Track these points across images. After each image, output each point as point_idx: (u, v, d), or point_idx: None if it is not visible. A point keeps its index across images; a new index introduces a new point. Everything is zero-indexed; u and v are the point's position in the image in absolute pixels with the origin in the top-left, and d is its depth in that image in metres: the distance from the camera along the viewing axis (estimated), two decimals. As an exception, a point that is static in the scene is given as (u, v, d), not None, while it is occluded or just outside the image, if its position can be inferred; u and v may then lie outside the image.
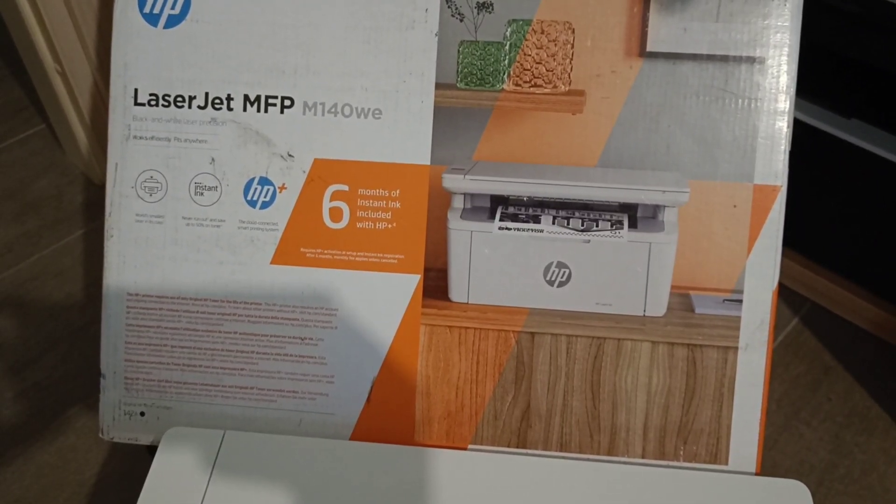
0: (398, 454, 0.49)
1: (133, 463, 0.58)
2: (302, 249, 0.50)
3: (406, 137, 0.49)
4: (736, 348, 0.48)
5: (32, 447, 0.60)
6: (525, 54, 0.48)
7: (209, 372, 0.51)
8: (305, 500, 0.46)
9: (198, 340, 0.51)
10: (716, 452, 0.49)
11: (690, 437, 0.49)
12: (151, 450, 0.50)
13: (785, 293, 0.70)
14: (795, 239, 0.57)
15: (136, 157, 0.51)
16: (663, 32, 0.47)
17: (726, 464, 0.49)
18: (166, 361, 0.51)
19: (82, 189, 0.80)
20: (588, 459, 0.50)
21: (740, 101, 0.47)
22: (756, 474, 0.49)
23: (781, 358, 0.67)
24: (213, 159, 0.50)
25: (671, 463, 0.49)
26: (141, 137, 0.51)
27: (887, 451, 0.61)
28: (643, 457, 0.49)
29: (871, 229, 0.64)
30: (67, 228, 0.76)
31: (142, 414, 0.52)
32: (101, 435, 0.52)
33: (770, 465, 0.60)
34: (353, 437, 0.51)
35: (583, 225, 0.49)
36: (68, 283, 0.72)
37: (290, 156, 0.50)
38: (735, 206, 0.48)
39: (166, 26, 0.50)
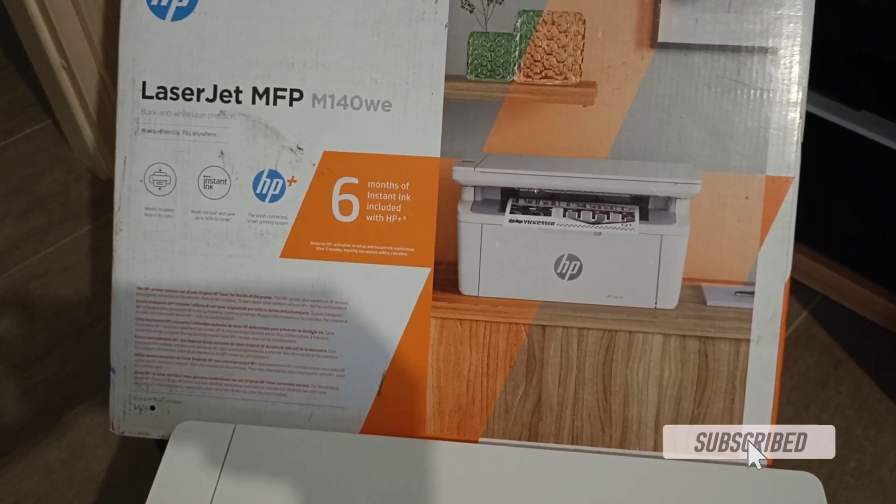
0: (409, 447, 0.48)
1: (142, 458, 0.58)
2: (311, 243, 0.50)
3: (416, 130, 0.49)
4: (748, 340, 0.48)
5: (41, 444, 0.60)
6: (535, 45, 0.48)
7: (219, 366, 0.51)
8: (316, 494, 0.46)
9: (208, 334, 0.51)
10: (727, 445, 0.49)
11: (702, 430, 0.49)
12: (161, 444, 0.49)
13: (794, 286, 0.70)
14: (805, 232, 0.57)
15: (144, 151, 0.51)
16: (675, 23, 0.47)
17: (738, 457, 0.49)
18: (176, 355, 0.51)
19: (88, 185, 0.80)
20: (600, 452, 0.49)
21: (752, 91, 0.47)
22: (768, 467, 0.49)
23: (791, 351, 0.67)
24: (221, 152, 0.50)
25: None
26: (149, 131, 0.51)
27: (898, 444, 0.61)
28: (655, 450, 0.49)
29: (882, 222, 0.64)
30: (74, 225, 0.76)
31: (152, 408, 0.52)
32: (111, 429, 0.52)
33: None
34: (364, 431, 0.51)
35: (594, 217, 0.49)
36: (75, 279, 0.72)
37: (299, 149, 0.50)
38: (747, 198, 0.47)
39: (174, 19, 0.50)
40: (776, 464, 0.49)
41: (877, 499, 0.57)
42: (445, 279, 0.50)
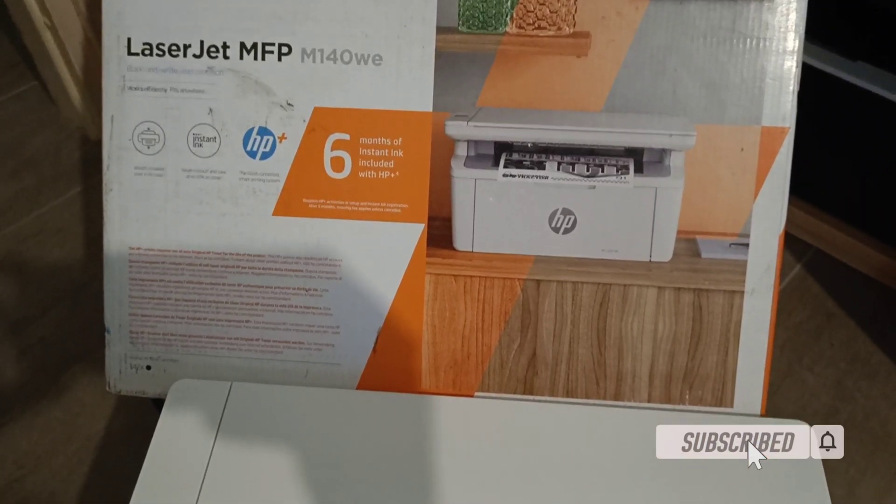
0: (405, 402, 0.49)
1: (140, 416, 0.58)
2: (304, 200, 0.50)
3: (408, 84, 0.48)
4: (742, 293, 0.48)
5: (39, 403, 0.60)
6: (528, -4, 0.47)
7: (214, 324, 0.51)
8: (313, 449, 0.46)
9: (202, 293, 0.51)
10: (721, 397, 0.49)
11: (696, 383, 0.49)
12: (158, 403, 0.50)
13: (788, 239, 0.70)
14: (800, 185, 0.57)
15: (132, 109, 0.50)
16: (670, -29, 0.46)
17: (731, 408, 0.49)
18: (171, 314, 0.51)
19: (79, 145, 0.79)
20: (594, 405, 0.50)
21: (748, 41, 0.46)
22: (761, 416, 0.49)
23: (785, 304, 0.67)
24: (210, 109, 0.50)
25: (676, 407, 0.49)
26: (136, 88, 0.50)
27: (889, 396, 0.61)
28: (649, 402, 0.50)
29: (877, 174, 0.63)
30: (66, 185, 0.76)
31: (148, 367, 0.52)
32: (108, 389, 0.52)
33: (773, 410, 0.60)
34: (360, 387, 0.51)
35: (588, 170, 0.48)
36: (69, 239, 0.71)
37: (289, 105, 0.49)
38: (742, 150, 0.47)
39: (159, -28, 0.49)
40: (769, 412, 0.50)
41: (867, 450, 0.58)
42: (439, 235, 0.49)
